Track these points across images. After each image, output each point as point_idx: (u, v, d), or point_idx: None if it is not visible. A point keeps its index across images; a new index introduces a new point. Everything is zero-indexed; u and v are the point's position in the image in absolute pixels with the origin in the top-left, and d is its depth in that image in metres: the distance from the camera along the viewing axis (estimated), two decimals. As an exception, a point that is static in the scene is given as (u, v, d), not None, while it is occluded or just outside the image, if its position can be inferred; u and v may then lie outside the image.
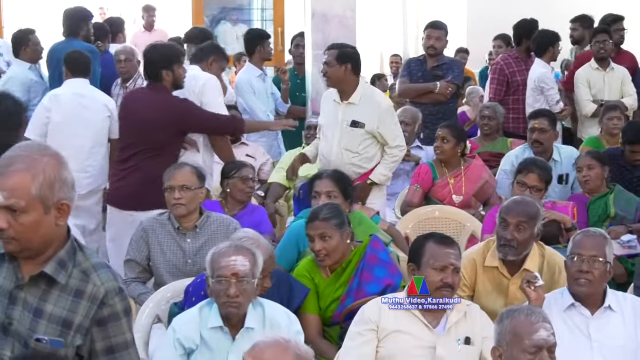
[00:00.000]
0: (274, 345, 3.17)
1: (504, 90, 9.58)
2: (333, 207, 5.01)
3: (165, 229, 5.51)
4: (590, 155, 6.63)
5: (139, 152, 6.48)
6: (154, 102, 6.47)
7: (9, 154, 2.81)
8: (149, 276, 5.60)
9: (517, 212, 4.93)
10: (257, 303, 4.33)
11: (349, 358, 4.30)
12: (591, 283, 4.38)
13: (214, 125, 6.64)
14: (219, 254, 4.22)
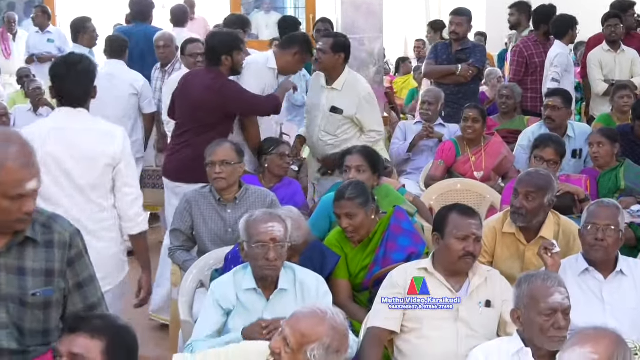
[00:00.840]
0: (311, 316, 3.26)
1: (523, 71, 9.46)
2: (358, 186, 4.95)
3: (208, 201, 5.51)
4: (600, 133, 6.54)
5: (191, 130, 6.50)
6: (207, 86, 6.43)
7: None
8: (192, 245, 5.60)
9: (527, 183, 4.90)
10: (288, 267, 4.34)
11: (378, 320, 4.24)
12: (606, 250, 4.36)
13: (258, 108, 6.59)
14: (256, 221, 4.23)
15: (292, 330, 3.24)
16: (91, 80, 5.00)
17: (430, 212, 6.05)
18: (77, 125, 4.94)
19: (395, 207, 5.17)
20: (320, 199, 5.95)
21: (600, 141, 6.39)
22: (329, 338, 3.23)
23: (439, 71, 9.03)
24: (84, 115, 4.98)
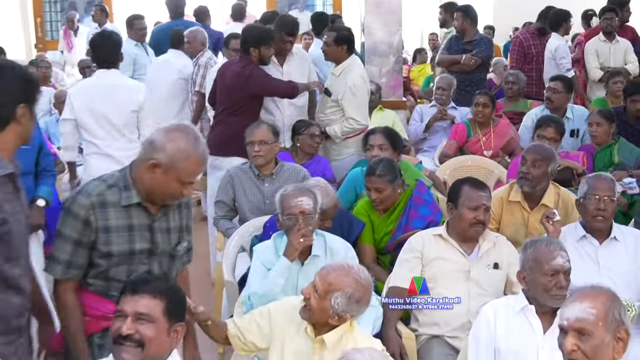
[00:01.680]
0: (338, 269, 3.37)
1: (522, 59, 9.46)
2: (388, 164, 4.95)
3: (248, 176, 5.55)
4: (600, 114, 6.48)
5: (225, 110, 6.67)
6: (237, 72, 6.53)
7: None
8: (234, 214, 5.63)
9: (534, 152, 4.97)
10: (320, 234, 4.35)
11: (399, 279, 4.25)
12: (606, 219, 4.40)
13: (276, 91, 6.65)
14: (287, 195, 4.27)
15: (321, 279, 3.33)
16: (118, 47, 6.23)
17: (444, 186, 6.04)
18: (111, 81, 6.08)
19: (417, 181, 5.19)
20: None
21: (599, 121, 6.35)
22: (351, 289, 3.30)
23: (447, 60, 9.01)
24: (116, 74, 6.18)
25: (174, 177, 3.21)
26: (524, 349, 3.49)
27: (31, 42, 14.54)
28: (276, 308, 3.53)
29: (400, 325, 4.21)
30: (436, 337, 4.19)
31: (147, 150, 3.24)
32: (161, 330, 2.79)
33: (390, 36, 8.21)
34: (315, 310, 3.33)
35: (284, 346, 3.46)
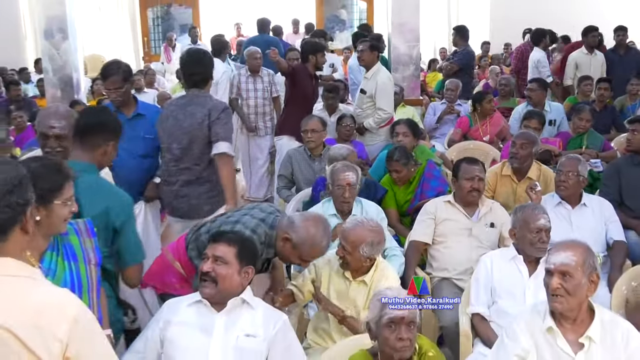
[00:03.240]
0: (354, 227, 3.40)
1: (521, 65, 9.41)
2: (402, 151, 4.94)
3: (302, 156, 5.58)
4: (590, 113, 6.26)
5: (286, 102, 6.87)
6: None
7: None
8: (292, 185, 5.63)
9: (522, 137, 5.01)
10: (358, 200, 4.35)
11: (417, 235, 4.32)
12: (567, 188, 4.38)
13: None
14: (337, 170, 4.24)
15: (345, 239, 3.34)
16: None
17: (451, 164, 5.95)
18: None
19: (428, 160, 5.18)
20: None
21: (588, 118, 6.14)
22: (370, 237, 3.32)
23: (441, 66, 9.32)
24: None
25: (297, 253, 3.27)
26: (513, 288, 3.48)
27: (140, 55, 14.65)
28: (318, 261, 3.49)
29: (418, 269, 4.22)
30: (445, 279, 4.19)
31: (286, 225, 3.27)
32: (233, 270, 2.77)
33: (410, 50, 8.18)
34: (351, 262, 3.36)
35: (329, 288, 3.46)
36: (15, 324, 1.59)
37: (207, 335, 2.72)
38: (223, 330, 2.73)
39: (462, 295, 3.83)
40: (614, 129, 7.07)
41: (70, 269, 2.49)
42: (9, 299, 1.63)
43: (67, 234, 2.53)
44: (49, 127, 3.33)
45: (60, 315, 1.64)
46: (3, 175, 1.66)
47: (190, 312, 2.79)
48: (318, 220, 3.33)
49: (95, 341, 1.71)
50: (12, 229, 1.67)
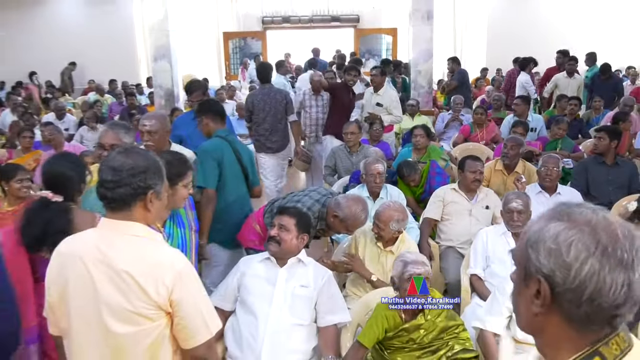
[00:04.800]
0: (384, 209, 3.36)
1: (509, 85, 9.19)
2: (406, 165, 4.73)
3: (343, 152, 5.46)
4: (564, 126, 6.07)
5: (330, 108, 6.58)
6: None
7: None
8: (335, 173, 5.52)
9: (511, 140, 4.88)
10: (384, 186, 4.27)
11: (429, 213, 4.24)
12: (551, 180, 4.28)
13: None
14: (370, 162, 4.22)
15: (378, 219, 3.33)
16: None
17: (455, 160, 5.83)
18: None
19: (431, 161, 5.02)
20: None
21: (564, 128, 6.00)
22: (396, 216, 3.29)
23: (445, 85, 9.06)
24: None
25: (344, 225, 3.25)
26: (503, 256, 3.36)
27: (223, 75, 14.72)
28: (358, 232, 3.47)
29: (429, 239, 4.16)
30: (450, 247, 4.12)
31: (335, 205, 3.24)
32: (292, 236, 2.77)
33: (426, 73, 8.07)
34: (384, 236, 3.34)
35: (364, 253, 3.43)
36: (135, 271, 1.63)
37: (272, 284, 2.73)
38: (284, 281, 2.74)
39: (463, 260, 3.78)
40: (580, 136, 6.87)
41: (180, 234, 2.54)
42: (133, 252, 1.66)
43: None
44: (142, 125, 3.39)
45: (169, 268, 1.66)
46: (132, 162, 1.68)
47: (260, 266, 2.80)
48: (358, 200, 3.30)
49: (193, 289, 1.71)
50: (134, 204, 1.68)
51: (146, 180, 1.67)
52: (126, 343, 1.65)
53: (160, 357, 1.70)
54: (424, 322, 2.61)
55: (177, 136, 4.15)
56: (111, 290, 1.63)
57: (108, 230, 1.69)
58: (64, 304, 1.70)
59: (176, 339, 1.72)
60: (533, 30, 13.48)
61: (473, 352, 2.61)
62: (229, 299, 2.80)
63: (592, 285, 0.88)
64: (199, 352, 1.72)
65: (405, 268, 2.62)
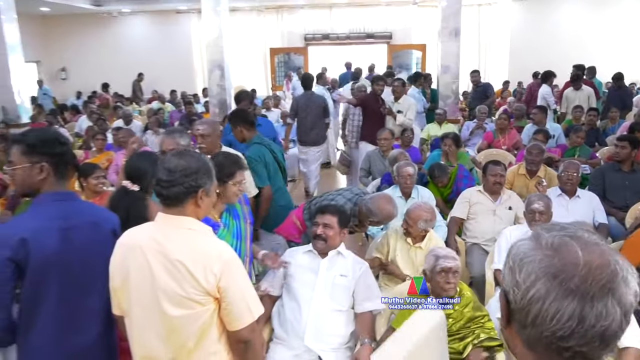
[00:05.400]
0: (414, 209, 3.33)
1: (530, 97, 8.86)
2: (437, 167, 4.60)
3: (377, 156, 5.42)
4: (582, 132, 5.91)
5: (363, 117, 6.45)
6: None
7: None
8: (369, 175, 5.47)
9: (536, 148, 4.69)
10: (415, 187, 4.21)
11: (456, 213, 4.15)
12: (572, 185, 4.12)
13: None
14: (401, 166, 4.15)
15: (409, 217, 3.30)
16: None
17: (480, 165, 5.71)
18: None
19: (458, 164, 4.91)
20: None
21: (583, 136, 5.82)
22: (425, 216, 3.26)
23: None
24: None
25: (375, 220, 3.19)
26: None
27: (269, 86, 14.84)
28: (390, 231, 3.46)
29: (456, 236, 4.07)
30: (475, 244, 4.04)
31: (366, 202, 3.18)
32: (336, 232, 2.77)
33: (452, 85, 7.96)
34: (412, 232, 3.31)
35: (395, 249, 3.40)
36: (187, 260, 1.65)
37: (314, 273, 2.73)
38: (325, 271, 2.73)
39: (488, 256, 3.71)
40: (597, 144, 6.64)
41: (236, 225, 2.56)
42: (185, 243, 1.68)
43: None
44: (196, 129, 3.44)
45: (217, 258, 1.67)
46: (185, 164, 1.69)
47: (304, 257, 2.81)
48: (386, 198, 3.26)
49: (238, 277, 1.71)
50: (187, 201, 1.70)
51: (197, 180, 1.69)
52: (179, 324, 1.67)
53: (208, 337, 1.71)
54: (452, 311, 2.57)
55: (227, 140, 4.26)
56: (166, 277, 1.65)
57: (163, 224, 1.71)
58: (126, 288, 1.73)
59: (223, 322, 1.73)
60: (553, 45, 13.15)
61: (498, 340, 2.55)
62: (277, 286, 2.81)
63: (535, 310, 0.78)
64: (242, 334, 1.72)
65: (437, 261, 2.58)
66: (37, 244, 1.73)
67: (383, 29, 14.48)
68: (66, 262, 1.79)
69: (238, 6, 13.96)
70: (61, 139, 1.87)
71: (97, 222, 1.83)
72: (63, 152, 1.84)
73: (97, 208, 1.91)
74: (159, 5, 13.97)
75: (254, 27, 14.77)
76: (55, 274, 1.78)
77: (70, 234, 1.79)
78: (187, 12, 14.68)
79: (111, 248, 1.77)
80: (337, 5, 14.49)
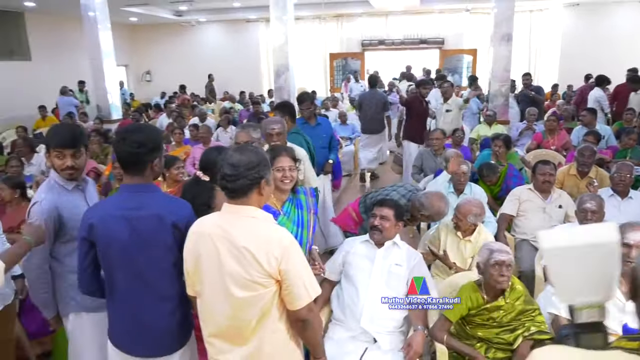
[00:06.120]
0: (464, 203, 3.20)
1: (581, 100, 8.37)
2: (487, 167, 4.43)
3: (429, 154, 5.28)
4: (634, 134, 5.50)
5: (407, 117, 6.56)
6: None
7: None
8: (421, 172, 5.33)
9: (588, 149, 4.40)
10: (468, 184, 4.08)
11: (506, 209, 3.97)
12: (625, 185, 3.86)
13: None
14: (453, 161, 4.06)
15: (459, 212, 3.21)
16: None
17: (529, 164, 5.45)
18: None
19: (508, 164, 4.71)
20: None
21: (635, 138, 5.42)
22: (474, 211, 3.17)
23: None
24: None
25: (426, 216, 3.11)
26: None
27: (328, 88, 14.84)
28: (441, 226, 3.39)
29: (505, 232, 3.91)
30: (525, 240, 3.86)
31: (419, 198, 3.11)
32: (392, 224, 2.72)
33: (502, 87, 7.64)
34: (461, 226, 3.22)
35: (446, 241, 3.32)
36: (251, 246, 1.66)
37: (371, 262, 2.69)
38: (381, 260, 2.69)
39: (538, 252, 3.53)
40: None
41: (298, 213, 2.57)
42: (249, 230, 1.69)
43: (298, 193, 2.62)
44: (271, 129, 3.41)
45: (278, 243, 1.67)
46: (247, 158, 1.70)
47: (361, 247, 2.77)
48: (439, 195, 3.16)
49: (297, 261, 1.70)
50: (251, 191, 1.71)
51: (259, 171, 1.70)
52: (244, 304, 1.69)
53: (270, 316, 1.72)
54: (504, 304, 2.46)
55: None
56: (233, 262, 1.67)
57: (229, 214, 1.72)
58: (198, 272, 1.76)
59: (283, 303, 1.74)
60: (603, 49, 12.38)
61: (548, 334, 2.42)
62: (336, 272, 2.80)
63: None
64: (301, 314, 1.72)
65: (491, 255, 2.48)
66: (103, 230, 1.85)
67: (436, 34, 14.13)
68: (129, 248, 1.85)
69: (302, 15, 14.04)
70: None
71: (161, 215, 1.84)
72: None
73: (166, 201, 1.92)
74: (231, 15, 14.27)
75: (315, 34, 14.80)
76: (120, 257, 1.86)
77: (134, 223, 1.84)
78: (256, 21, 14.91)
79: (170, 238, 1.84)
80: (393, 13, 14.27)
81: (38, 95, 10.93)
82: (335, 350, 2.47)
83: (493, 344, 2.49)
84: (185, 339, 2.00)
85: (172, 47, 15.67)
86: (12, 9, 10.97)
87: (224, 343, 1.77)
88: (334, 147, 4.95)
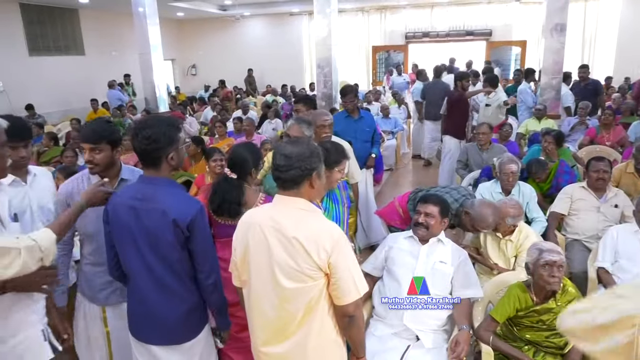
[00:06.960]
0: (503, 205, 3.09)
1: (636, 93, 7.91)
2: (535, 164, 4.24)
3: (475, 149, 5.09)
4: None
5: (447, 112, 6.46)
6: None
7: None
8: (466, 167, 5.16)
9: None
10: (517, 184, 3.88)
11: (557, 208, 3.81)
12: None
13: None
14: (504, 162, 3.85)
15: (498, 213, 3.06)
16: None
17: (582, 161, 5.21)
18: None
19: (560, 160, 4.49)
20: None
21: None
22: (512, 211, 3.07)
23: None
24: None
25: (472, 223, 3.02)
26: (633, 253, 2.97)
27: (370, 81, 14.72)
28: None
29: (556, 232, 3.74)
30: (577, 240, 3.70)
31: (470, 205, 3.04)
32: (436, 221, 2.66)
33: (552, 80, 7.32)
34: (500, 228, 3.12)
35: (486, 241, 3.22)
36: (302, 237, 1.66)
37: (415, 258, 2.65)
38: (425, 257, 2.64)
39: (591, 253, 3.38)
40: None
41: (335, 208, 2.56)
42: (300, 222, 1.70)
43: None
44: (324, 120, 3.40)
45: (328, 236, 1.67)
46: (299, 150, 1.71)
47: (405, 242, 2.73)
48: (490, 205, 3.05)
49: (346, 255, 1.70)
50: (302, 183, 1.71)
51: (311, 163, 1.70)
52: (291, 295, 1.69)
53: (316, 310, 1.72)
54: (555, 306, 2.36)
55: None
56: (282, 252, 1.67)
57: (280, 205, 1.73)
58: (246, 262, 1.78)
59: (331, 298, 1.73)
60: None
61: (602, 339, 2.31)
62: (378, 267, 2.77)
63: None
64: (348, 309, 1.71)
65: (541, 255, 2.38)
66: (113, 216, 1.92)
67: (483, 26, 13.71)
68: (136, 238, 1.88)
69: (345, 7, 13.95)
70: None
71: (163, 210, 1.83)
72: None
73: (174, 197, 1.88)
74: (275, 9, 14.36)
75: (358, 26, 14.67)
76: (129, 245, 1.90)
77: (139, 214, 1.86)
78: (299, 14, 14.93)
79: (172, 235, 1.84)
80: (438, 4, 13.94)
81: (91, 88, 11.41)
82: (377, 346, 2.45)
83: (542, 347, 2.41)
84: (199, 329, 2.01)
85: (216, 41, 15.94)
86: (67, 6, 11.46)
87: (270, 335, 1.78)
88: (376, 141, 4.88)
